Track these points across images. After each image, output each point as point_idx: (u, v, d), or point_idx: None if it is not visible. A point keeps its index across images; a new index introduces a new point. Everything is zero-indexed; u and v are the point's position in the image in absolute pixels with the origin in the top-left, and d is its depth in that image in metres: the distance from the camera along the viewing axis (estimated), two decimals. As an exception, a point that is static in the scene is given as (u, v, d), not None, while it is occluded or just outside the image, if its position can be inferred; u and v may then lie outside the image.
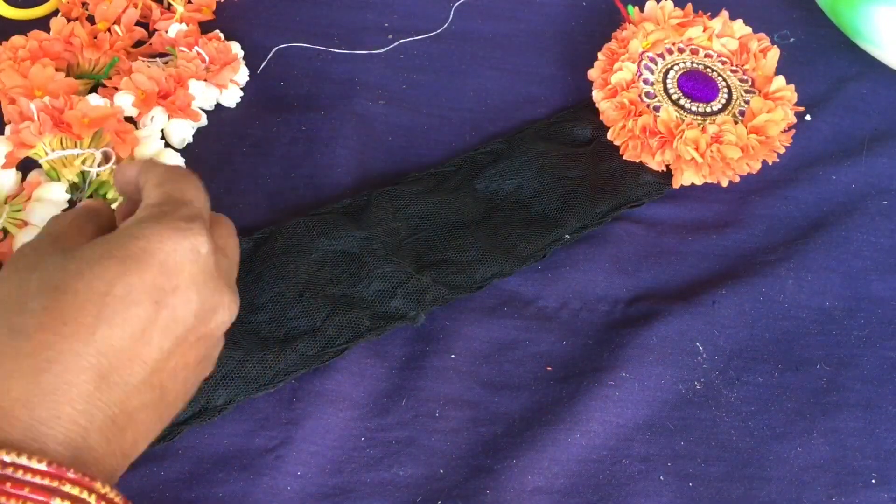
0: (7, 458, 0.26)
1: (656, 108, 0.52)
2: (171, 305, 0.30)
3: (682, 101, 0.52)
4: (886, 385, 0.45)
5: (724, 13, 0.56)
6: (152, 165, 0.35)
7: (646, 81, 0.53)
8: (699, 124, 0.51)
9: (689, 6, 0.56)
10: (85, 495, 0.27)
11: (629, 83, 0.52)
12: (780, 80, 0.53)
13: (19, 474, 0.26)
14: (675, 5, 0.56)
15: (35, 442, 0.27)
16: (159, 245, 0.30)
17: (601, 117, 0.53)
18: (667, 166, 0.51)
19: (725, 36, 0.55)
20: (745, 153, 0.50)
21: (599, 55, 0.54)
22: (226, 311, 0.33)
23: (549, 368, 0.45)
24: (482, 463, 0.42)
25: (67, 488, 0.26)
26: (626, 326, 0.46)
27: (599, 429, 0.42)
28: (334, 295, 0.45)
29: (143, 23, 0.55)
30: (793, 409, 0.44)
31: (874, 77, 0.58)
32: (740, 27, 0.56)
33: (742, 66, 0.55)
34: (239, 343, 0.43)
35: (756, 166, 0.51)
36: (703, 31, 0.55)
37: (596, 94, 0.53)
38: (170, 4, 0.55)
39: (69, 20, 0.53)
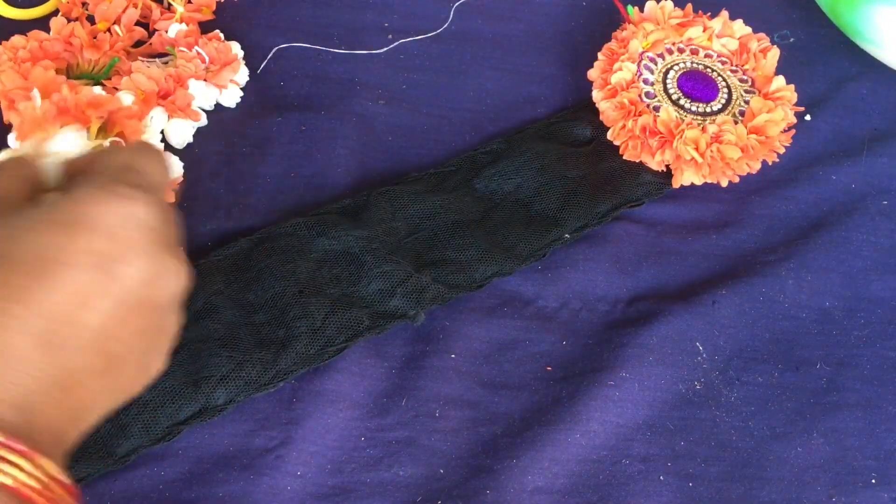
0: None
1: (656, 108, 0.52)
2: (113, 272, 0.29)
3: (681, 101, 0.52)
4: (886, 385, 0.45)
5: (724, 13, 0.56)
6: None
7: (646, 81, 0.53)
8: (699, 124, 0.51)
9: (689, 6, 0.56)
10: (30, 468, 0.27)
11: (629, 83, 0.52)
12: (779, 80, 0.53)
13: None
14: (675, 5, 0.56)
15: None
16: (102, 210, 0.29)
17: (601, 117, 0.53)
18: (667, 166, 0.51)
19: (725, 36, 0.55)
20: (745, 153, 0.50)
21: (599, 55, 0.54)
22: (173, 278, 0.32)
23: (549, 368, 0.45)
24: (482, 463, 0.42)
25: (14, 458, 0.26)
26: (626, 326, 0.46)
27: (599, 429, 0.42)
28: (334, 294, 0.45)
29: (143, 23, 0.55)
30: (793, 409, 0.44)
31: (874, 77, 0.58)
32: (740, 27, 0.56)
33: (742, 66, 0.55)
34: (239, 343, 0.43)
35: (756, 166, 0.51)
36: (703, 31, 0.55)
37: (596, 94, 0.53)
38: (170, 4, 0.55)
39: (69, 20, 0.53)
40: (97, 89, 0.49)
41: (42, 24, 0.55)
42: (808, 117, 0.55)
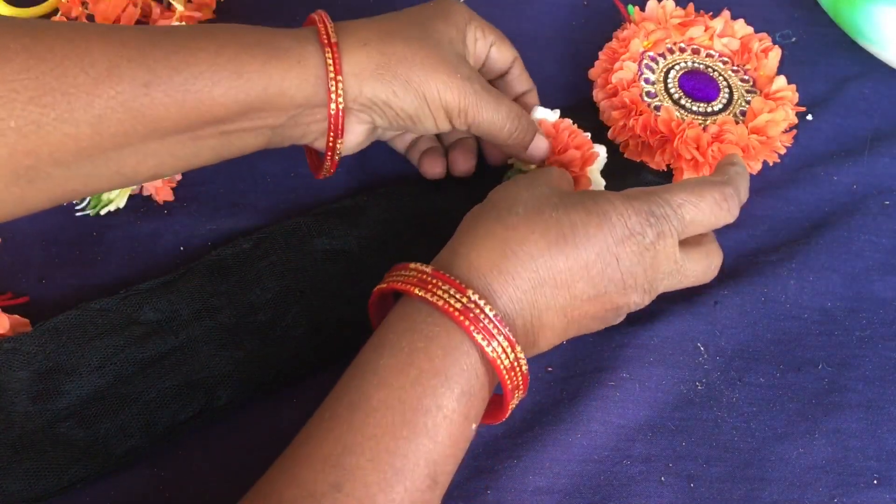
0: (474, 297, 0.36)
1: (657, 108, 0.51)
2: (608, 263, 0.38)
3: (683, 101, 0.52)
4: (888, 385, 0.45)
5: (726, 13, 0.56)
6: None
7: (647, 81, 0.53)
8: (700, 124, 0.51)
9: (691, 6, 0.56)
10: (508, 350, 0.36)
11: (630, 82, 0.52)
12: (781, 80, 0.53)
13: (477, 311, 0.35)
14: (677, 5, 0.56)
15: (488, 298, 0.36)
16: (620, 215, 0.38)
17: (601, 117, 0.53)
18: (667, 166, 0.51)
19: (727, 36, 0.55)
20: (746, 153, 0.50)
21: (600, 55, 0.54)
22: (640, 297, 0.40)
23: (550, 369, 0.45)
24: (482, 463, 0.41)
25: (501, 339, 0.35)
26: (627, 326, 0.46)
27: (600, 429, 0.42)
28: (334, 294, 0.45)
29: (143, 22, 0.55)
30: (794, 409, 0.44)
31: (876, 77, 0.57)
32: (742, 27, 0.55)
33: (743, 65, 0.55)
34: (240, 343, 0.43)
35: (757, 166, 0.51)
36: (705, 30, 0.55)
37: (596, 94, 0.53)
38: (170, 3, 0.55)
39: (69, 20, 0.53)
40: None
41: (42, 23, 0.55)
42: (809, 117, 0.55)
